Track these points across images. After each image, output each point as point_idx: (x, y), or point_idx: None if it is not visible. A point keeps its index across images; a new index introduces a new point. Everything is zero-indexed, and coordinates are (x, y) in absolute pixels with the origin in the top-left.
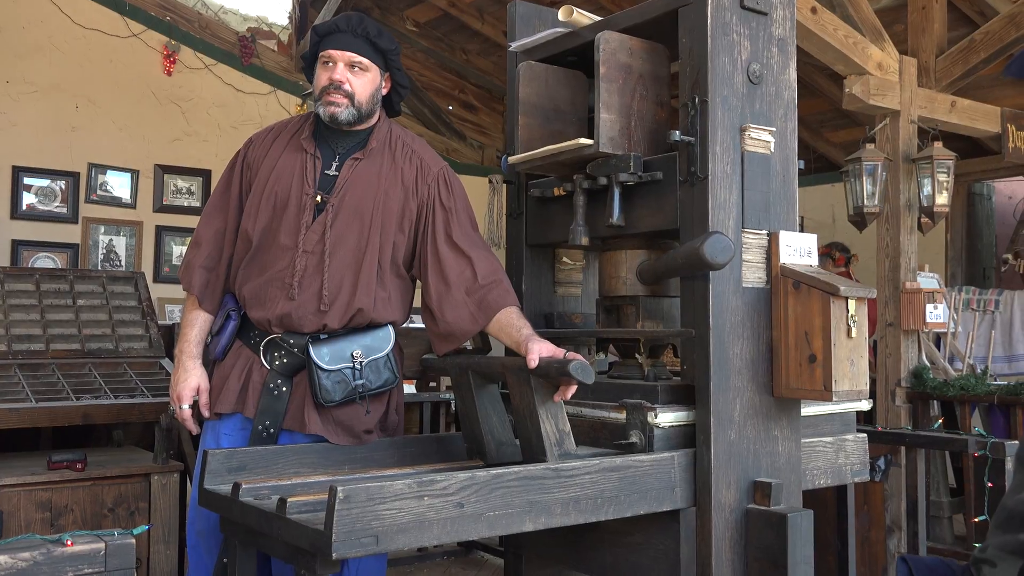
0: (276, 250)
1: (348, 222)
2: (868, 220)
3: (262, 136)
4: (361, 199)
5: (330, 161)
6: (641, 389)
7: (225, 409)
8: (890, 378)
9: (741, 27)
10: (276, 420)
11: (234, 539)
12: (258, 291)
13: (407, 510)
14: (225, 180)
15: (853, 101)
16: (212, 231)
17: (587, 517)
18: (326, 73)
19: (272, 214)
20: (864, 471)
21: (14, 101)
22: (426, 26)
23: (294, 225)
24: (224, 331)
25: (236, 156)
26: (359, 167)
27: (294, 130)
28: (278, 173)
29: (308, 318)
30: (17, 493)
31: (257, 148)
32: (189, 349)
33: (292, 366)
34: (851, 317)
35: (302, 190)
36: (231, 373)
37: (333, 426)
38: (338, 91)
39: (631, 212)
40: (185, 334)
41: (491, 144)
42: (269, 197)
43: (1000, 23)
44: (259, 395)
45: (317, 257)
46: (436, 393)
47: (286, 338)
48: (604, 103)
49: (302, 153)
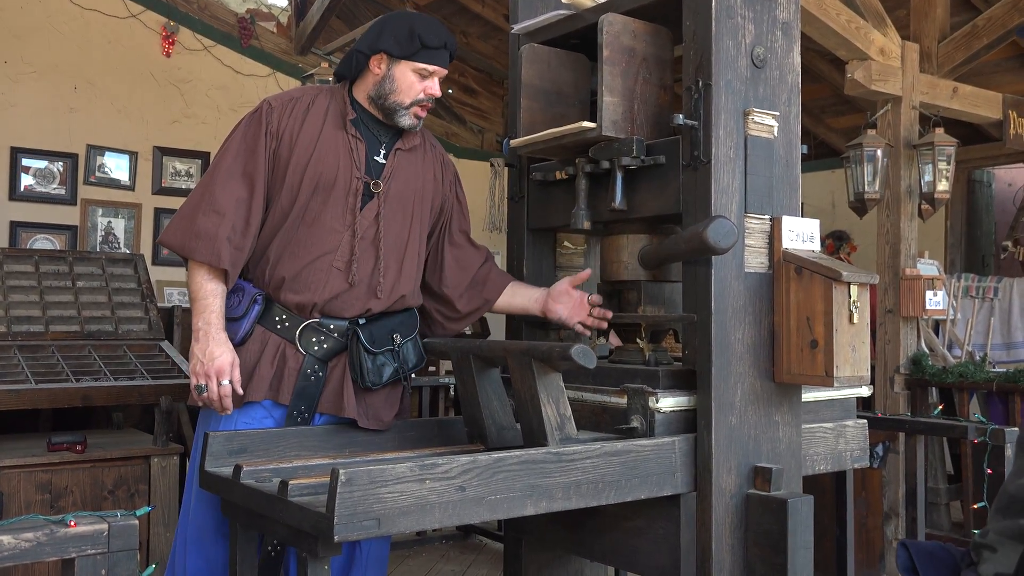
0: (321, 231)
1: (395, 209)
2: (868, 206)
3: (286, 106)
4: (404, 189)
5: (376, 148)
6: (642, 374)
7: (257, 396)
8: (889, 365)
9: (745, 10)
10: (311, 405)
11: (235, 522)
12: (301, 274)
13: (409, 493)
14: (247, 145)
15: (855, 86)
16: (234, 199)
17: (588, 501)
18: (422, 84)
19: (314, 193)
20: (864, 457)
21: (12, 82)
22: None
23: (342, 207)
24: (249, 316)
25: (256, 121)
26: (404, 158)
27: (324, 106)
28: (321, 152)
29: (358, 302)
30: (17, 474)
31: (285, 119)
32: (217, 321)
33: (331, 351)
34: (853, 303)
35: (351, 173)
36: (260, 360)
37: (366, 410)
38: (429, 103)
39: (633, 196)
40: (208, 305)
41: (491, 128)
42: (313, 175)
43: (1003, 8)
44: (295, 381)
45: (369, 241)
46: (436, 377)
47: (325, 323)
48: (607, 86)
49: (343, 134)
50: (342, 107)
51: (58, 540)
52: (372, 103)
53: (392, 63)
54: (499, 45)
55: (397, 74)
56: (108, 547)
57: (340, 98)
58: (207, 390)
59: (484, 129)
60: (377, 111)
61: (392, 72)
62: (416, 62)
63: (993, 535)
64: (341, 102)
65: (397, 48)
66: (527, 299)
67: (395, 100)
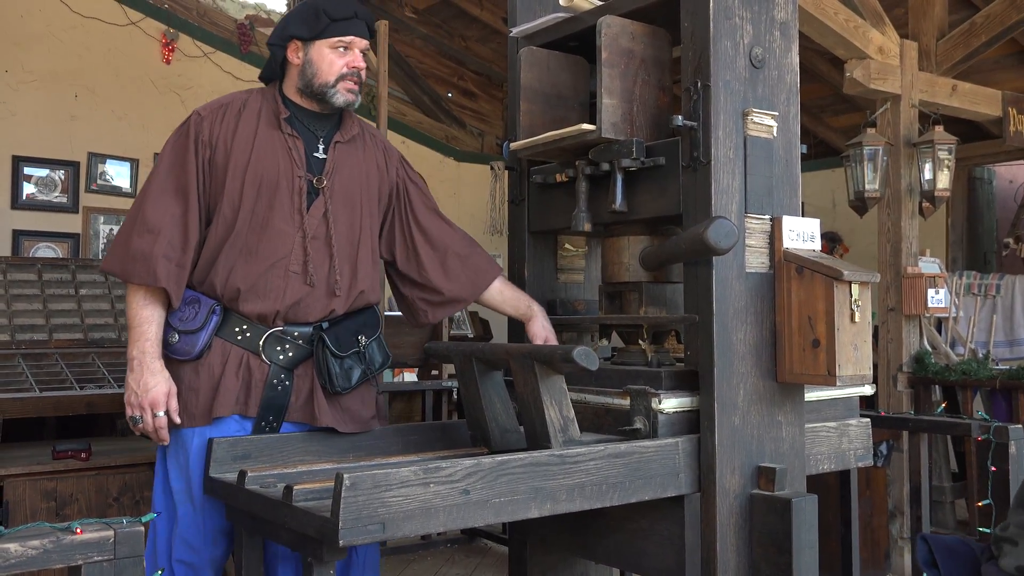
0: (271, 236)
1: (342, 204)
2: (869, 205)
3: (216, 113)
4: (349, 182)
5: (314, 143)
6: (645, 375)
7: (225, 411)
8: (892, 363)
9: (743, 11)
10: (279, 415)
11: (240, 527)
12: (257, 282)
13: (413, 497)
14: (177, 160)
15: (854, 85)
16: (169, 216)
17: (592, 503)
18: (344, 59)
19: (258, 197)
20: (867, 456)
21: (13, 90)
22: (425, 13)
23: (289, 209)
24: (207, 327)
25: (184, 134)
26: (344, 150)
27: (256, 108)
28: (260, 154)
29: (319, 305)
30: (22, 482)
31: (217, 126)
32: (153, 349)
33: (297, 359)
34: (855, 302)
35: (292, 172)
36: (224, 373)
37: (341, 414)
38: (356, 77)
39: (633, 198)
40: (144, 332)
41: (491, 131)
42: (254, 178)
43: (1001, 6)
44: (261, 392)
45: (322, 241)
46: (439, 381)
47: (289, 331)
48: (606, 88)
49: (278, 132)
50: (274, 106)
51: (64, 547)
52: (302, 95)
53: (307, 47)
54: (498, 48)
55: (314, 56)
56: (114, 554)
57: (271, 97)
58: (142, 421)
59: (484, 132)
60: (310, 102)
61: (310, 56)
62: (329, 38)
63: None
64: (273, 101)
65: (306, 30)
66: (515, 308)
67: (320, 82)
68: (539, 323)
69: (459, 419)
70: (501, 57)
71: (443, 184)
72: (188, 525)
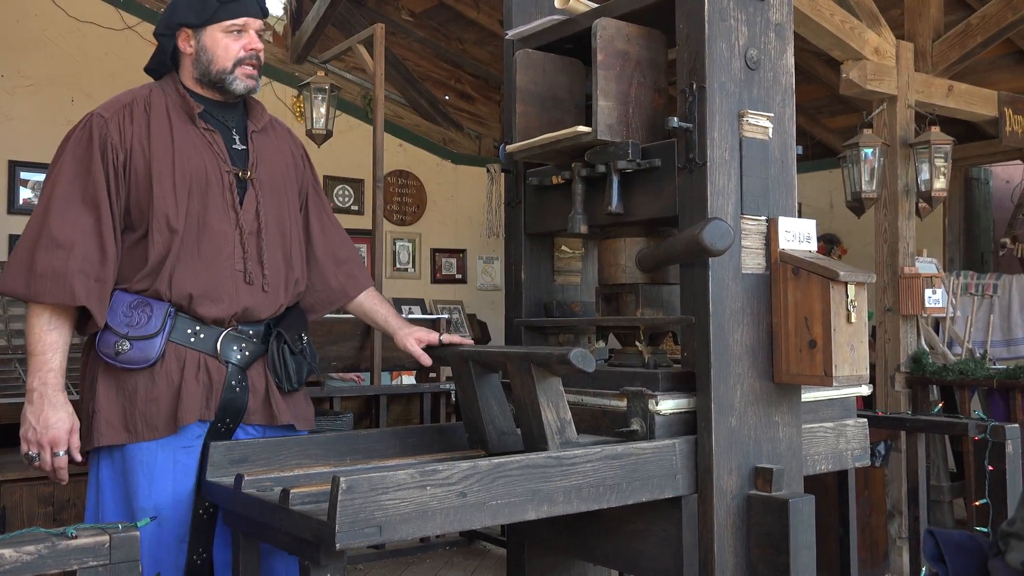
0: (211, 237)
1: (270, 196)
2: (866, 205)
3: (120, 113)
4: (273, 172)
5: (230, 136)
6: (642, 377)
7: (191, 418)
8: (889, 363)
9: (738, 12)
10: (236, 417)
11: (238, 531)
12: (208, 286)
13: (410, 500)
14: (81, 167)
15: (850, 86)
16: (80, 228)
17: (589, 505)
18: (239, 42)
19: (190, 197)
20: (865, 456)
21: (9, 95)
22: (422, 16)
23: (223, 206)
24: (163, 332)
25: (87, 138)
26: (261, 140)
27: (162, 104)
28: (182, 152)
29: (268, 302)
30: (19, 488)
31: (128, 127)
32: (56, 380)
33: (252, 358)
34: (851, 302)
35: (219, 167)
36: (183, 378)
37: (295, 412)
38: (255, 60)
39: (630, 199)
40: (47, 361)
41: (488, 134)
42: (183, 179)
43: (997, 6)
44: (220, 394)
45: (259, 235)
46: (436, 384)
47: (244, 329)
48: (601, 90)
49: (194, 128)
50: (182, 101)
51: (60, 552)
52: (201, 85)
53: (198, 34)
54: (495, 51)
55: (207, 43)
56: (110, 559)
57: (175, 91)
58: (39, 460)
59: (481, 135)
60: (211, 91)
61: (202, 43)
62: (220, 21)
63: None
64: (177, 95)
65: (194, 16)
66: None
67: (217, 69)
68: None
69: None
70: (498, 60)
71: (440, 187)
72: (149, 539)
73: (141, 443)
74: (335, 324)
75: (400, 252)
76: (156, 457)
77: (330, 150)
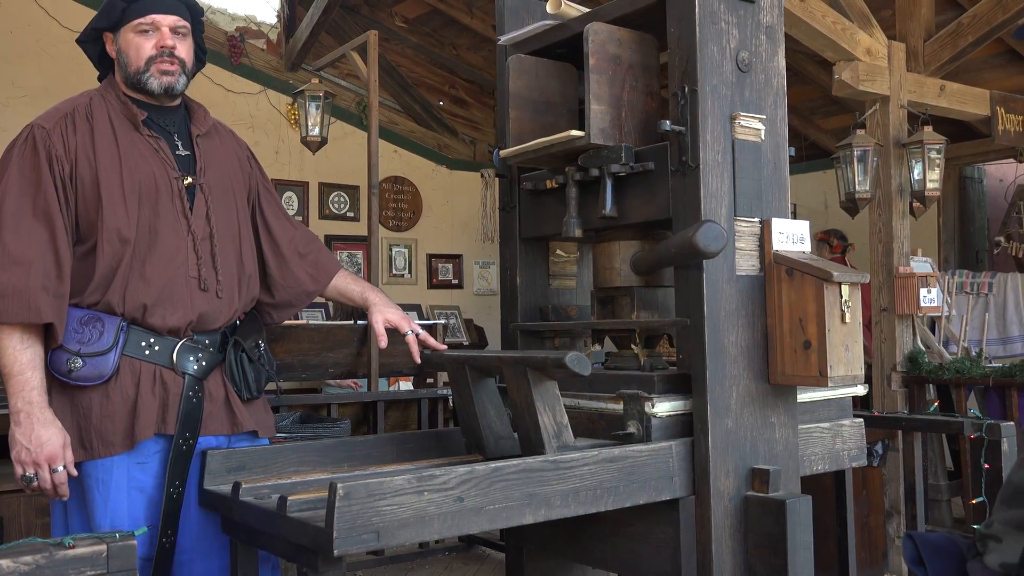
0: (163, 246)
1: (220, 201)
2: (860, 206)
3: (63, 123)
4: (221, 176)
5: (173, 141)
6: (638, 379)
7: (148, 434)
8: (886, 363)
9: (729, 15)
10: (195, 430)
11: (236, 539)
12: (162, 296)
13: (407, 505)
14: (28, 179)
15: (842, 87)
16: (36, 244)
17: (587, 508)
18: (150, 41)
19: (141, 206)
20: (861, 456)
21: (4, 106)
22: (415, 22)
23: (173, 213)
24: (117, 347)
25: (31, 151)
26: (206, 144)
27: (104, 111)
28: (128, 160)
29: (222, 308)
30: (17, 499)
31: (71, 137)
32: (40, 398)
33: (209, 368)
34: (845, 303)
35: (167, 174)
36: (139, 392)
37: (257, 419)
38: (170, 57)
39: (623, 203)
40: (27, 380)
41: (483, 139)
42: (132, 188)
43: (987, 6)
44: (178, 406)
45: (211, 242)
46: (434, 389)
47: (200, 339)
48: (594, 94)
49: (137, 134)
50: (124, 108)
51: (57, 563)
52: (130, 87)
53: (116, 38)
54: (489, 56)
55: (123, 45)
56: (107, 568)
57: (115, 97)
58: (38, 479)
59: (476, 140)
60: (141, 95)
61: (119, 46)
62: (130, 22)
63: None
64: (118, 101)
65: (107, 20)
66: (355, 298)
67: (134, 70)
68: (379, 313)
69: (455, 427)
70: (492, 65)
71: (436, 192)
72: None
73: (96, 460)
74: (332, 330)
75: (396, 258)
76: (112, 474)
77: (325, 157)
